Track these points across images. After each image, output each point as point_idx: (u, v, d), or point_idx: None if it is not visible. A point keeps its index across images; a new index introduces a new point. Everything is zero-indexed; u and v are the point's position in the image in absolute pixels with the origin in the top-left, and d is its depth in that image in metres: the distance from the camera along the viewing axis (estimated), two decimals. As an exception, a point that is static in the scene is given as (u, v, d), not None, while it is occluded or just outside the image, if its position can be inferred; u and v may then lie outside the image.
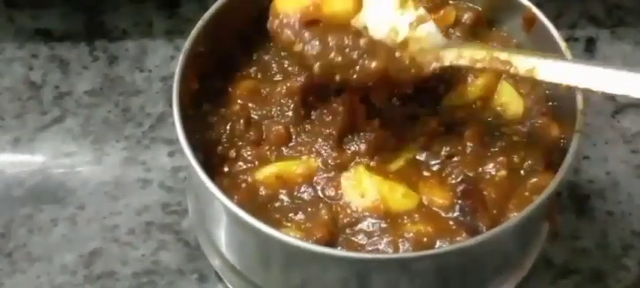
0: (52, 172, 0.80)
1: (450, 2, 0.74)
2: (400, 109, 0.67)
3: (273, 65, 0.71)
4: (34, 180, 0.80)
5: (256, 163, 0.66)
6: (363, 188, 0.63)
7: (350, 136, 0.65)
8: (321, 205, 0.63)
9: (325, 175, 0.64)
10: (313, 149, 0.65)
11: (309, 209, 0.63)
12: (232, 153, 0.66)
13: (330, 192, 0.64)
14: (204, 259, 0.73)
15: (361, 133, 0.65)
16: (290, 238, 0.58)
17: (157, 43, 0.89)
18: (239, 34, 0.72)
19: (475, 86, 0.68)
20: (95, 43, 0.89)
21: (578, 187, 0.80)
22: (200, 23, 0.68)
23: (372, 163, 0.64)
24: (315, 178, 0.64)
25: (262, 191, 0.64)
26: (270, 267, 0.65)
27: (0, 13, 0.90)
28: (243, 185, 0.64)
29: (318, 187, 0.64)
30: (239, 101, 0.69)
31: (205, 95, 0.69)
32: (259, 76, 0.71)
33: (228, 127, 0.67)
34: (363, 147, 0.65)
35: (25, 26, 0.90)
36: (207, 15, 0.68)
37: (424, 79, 0.64)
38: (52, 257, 0.75)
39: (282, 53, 0.71)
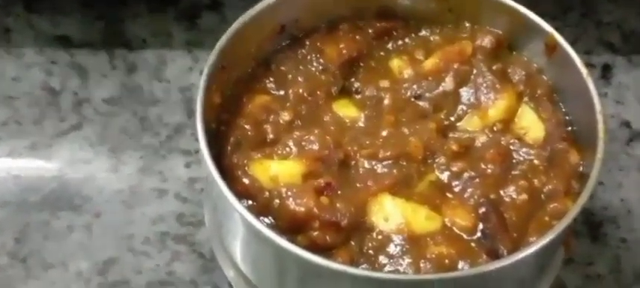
0: (68, 178, 0.80)
1: (466, 25, 0.74)
2: None
3: (290, 77, 0.71)
4: (51, 186, 0.80)
5: None
6: (386, 212, 0.63)
7: None
8: None
9: None
10: None
11: None
12: None
13: None
14: (217, 272, 0.73)
15: None
16: (307, 253, 0.58)
17: (176, 53, 0.89)
18: (259, 47, 0.72)
19: (496, 109, 0.68)
20: (114, 52, 0.89)
21: (592, 213, 0.80)
22: (223, 39, 0.67)
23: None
24: None
25: None
26: (285, 281, 0.65)
27: (20, 19, 0.90)
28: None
29: None
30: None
31: (225, 106, 0.69)
32: (274, 90, 0.71)
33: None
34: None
35: (44, 32, 0.90)
36: (230, 30, 0.68)
37: None
38: (67, 264, 0.75)
39: (300, 67, 0.72)
